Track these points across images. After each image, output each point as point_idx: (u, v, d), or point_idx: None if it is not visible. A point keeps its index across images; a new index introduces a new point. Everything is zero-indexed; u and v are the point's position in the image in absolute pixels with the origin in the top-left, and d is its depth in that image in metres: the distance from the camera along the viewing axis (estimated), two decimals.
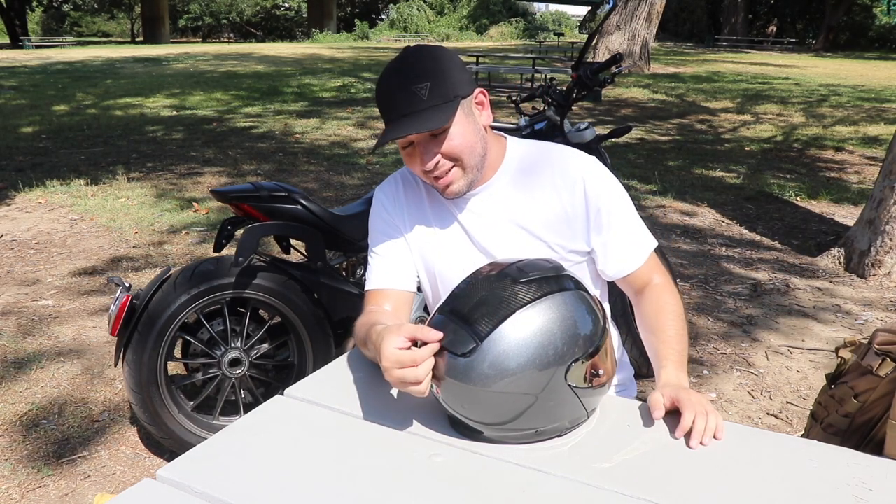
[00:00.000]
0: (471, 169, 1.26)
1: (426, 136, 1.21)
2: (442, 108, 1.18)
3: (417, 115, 1.18)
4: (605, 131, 2.72)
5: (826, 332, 3.21)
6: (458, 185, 1.26)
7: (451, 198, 1.29)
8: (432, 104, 1.18)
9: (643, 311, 1.30)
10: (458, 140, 1.22)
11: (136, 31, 46.35)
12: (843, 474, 0.96)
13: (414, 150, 1.24)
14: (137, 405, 2.12)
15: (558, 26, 46.54)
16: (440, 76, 1.19)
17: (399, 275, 1.36)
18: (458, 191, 1.26)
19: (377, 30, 39.59)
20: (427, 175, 1.25)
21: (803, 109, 10.59)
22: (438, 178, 1.25)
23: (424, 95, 1.17)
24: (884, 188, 3.88)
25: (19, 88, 11.82)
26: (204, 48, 24.65)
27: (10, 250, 4.18)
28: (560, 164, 1.31)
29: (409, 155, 1.26)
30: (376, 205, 1.40)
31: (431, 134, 1.21)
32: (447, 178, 1.24)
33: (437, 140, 1.21)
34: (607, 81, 2.69)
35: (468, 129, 1.23)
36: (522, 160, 1.33)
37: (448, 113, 1.19)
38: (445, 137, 1.21)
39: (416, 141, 1.23)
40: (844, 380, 1.41)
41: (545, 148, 1.36)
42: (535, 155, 1.34)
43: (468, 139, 1.23)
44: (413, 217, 1.37)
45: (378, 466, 0.99)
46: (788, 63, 21.92)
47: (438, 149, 1.22)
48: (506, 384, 0.97)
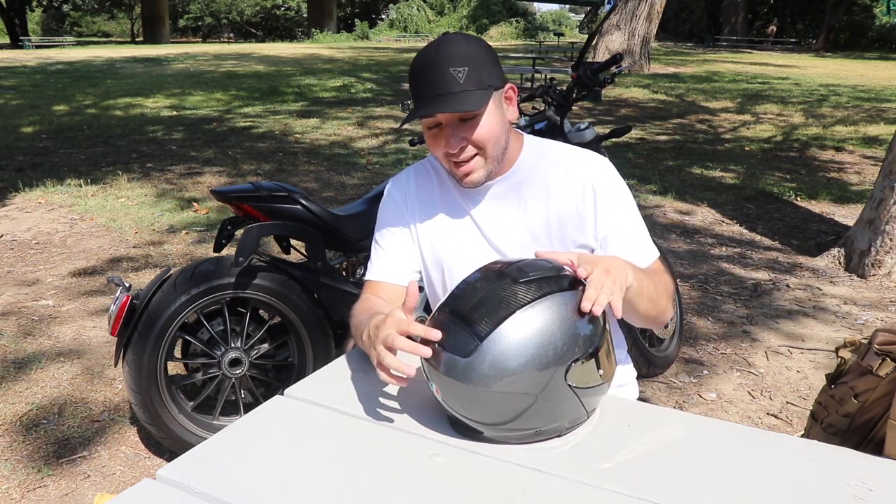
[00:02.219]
0: (492, 160, 1.27)
1: (456, 120, 1.22)
2: (476, 94, 1.20)
3: (452, 96, 1.19)
4: (605, 131, 2.72)
5: (826, 332, 3.21)
6: (478, 174, 1.26)
7: (468, 186, 1.29)
8: (467, 88, 1.19)
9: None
10: (486, 129, 1.23)
11: (136, 31, 46.35)
12: (843, 474, 0.96)
13: (440, 133, 1.24)
14: (137, 405, 2.12)
15: (558, 26, 46.53)
16: (477, 63, 1.20)
17: (399, 270, 1.37)
18: (477, 180, 1.27)
19: (377, 30, 39.59)
20: (449, 159, 1.26)
21: (803, 109, 10.59)
22: (459, 165, 1.25)
23: (461, 79, 1.18)
24: (884, 188, 3.88)
25: (19, 88, 11.82)
26: (204, 48, 24.65)
27: (10, 250, 4.18)
28: (573, 164, 1.32)
29: (433, 137, 1.26)
30: (387, 197, 1.42)
31: (461, 118, 1.22)
32: (469, 165, 1.25)
33: (465, 125, 1.22)
34: (607, 81, 2.69)
35: (496, 120, 1.25)
36: (538, 158, 1.35)
37: (482, 99, 1.21)
38: (475, 124, 1.22)
39: (444, 123, 1.23)
40: (844, 380, 1.41)
41: (560, 147, 1.37)
42: (550, 153, 1.36)
43: (495, 129, 1.25)
44: (424, 210, 1.38)
45: (378, 466, 0.99)
46: (788, 63, 21.92)
47: (466, 134, 1.23)
48: (506, 384, 0.97)
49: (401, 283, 1.37)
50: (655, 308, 1.22)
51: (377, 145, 7.43)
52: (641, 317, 1.23)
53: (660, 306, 1.23)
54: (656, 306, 1.22)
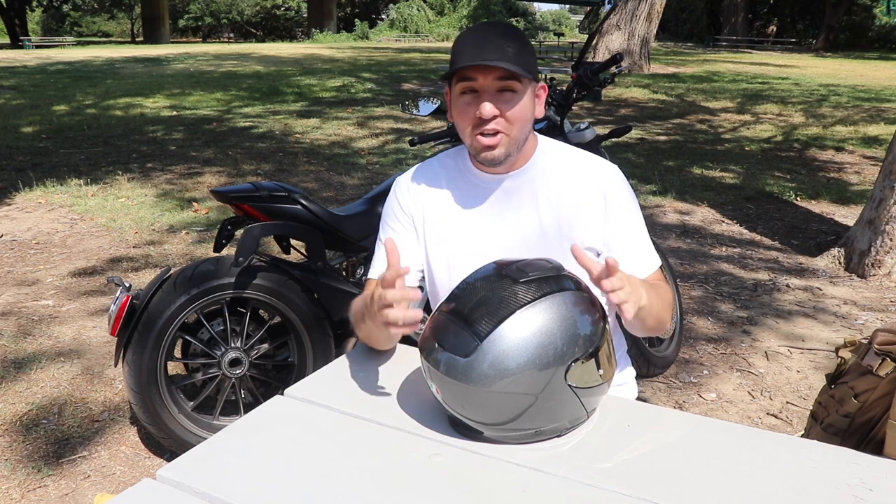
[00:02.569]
0: (515, 143, 1.28)
1: (495, 89, 1.23)
2: (523, 70, 1.22)
3: (502, 62, 1.21)
4: (605, 131, 2.72)
5: (826, 332, 3.21)
6: (499, 150, 1.27)
7: (487, 161, 1.28)
8: (516, 63, 1.21)
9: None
10: (520, 110, 1.25)
11: (136, 31, 46.38)
12: (843, 474, 0.96)
13: (473, 99, 1.24)
14: (137, 405, 2.12)
15: (558, 26, 46.51)
16: (525, 47, 1.25)
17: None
18: (497, 156, 1.27)
19: (377, 30, 39.60)
20: (475, 130, 1.26)
21: (803, 109, 10.59)
22: (485, 136, 1.25)
23: (511, 54, 1.21)
24: (884, 188, 3.88)
25: (19, 88, 11.82)
26: (204, 48, 24.65)
27: (10, 250, 4.18)
28: (586, 169, 1.35)
29: (465, 104, 1.26)
30: (392, 195, 1.43)
31: (500, 89, 1.23)
32: (494, 138, 1.25)
33: (503, 99, 1.24)
34: (607, 81, 2.69)
35: (528, 107, 1.27)
36: (551, 158, 1.36)
37: (527, 77, 1.23)
38: (512, 101, 1.24)
39: (484, 89, 1.23)
40: (844, 380, 1.41)
41: (573, 151, 1.39)
42: (563, 156, 1.37)
43: (526, 114, 1.27)
44: (431, 208, 1.38)
45: (378, 466, 0.99)
46: (788, 63, 21.93)
47: (502, 107, 1.24)
48: (506, 384, 0.97)
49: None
50: (658, 322, 1.26)
51: (377, 145, 7.43)
52: (645, 330, 1.29)
53: (662, 320, 1.27)
54: (659, 321, 1.26)
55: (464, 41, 1.26)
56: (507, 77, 1.22)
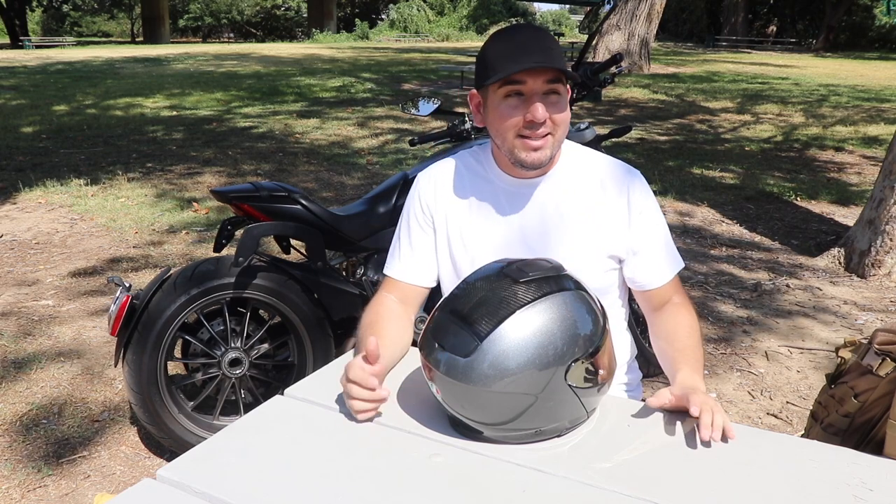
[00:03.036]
0: (557, 145, 1.28)
1: (543, 92, 1.22)
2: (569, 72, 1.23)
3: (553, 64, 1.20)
4: (605, 131, 2.72)
5: (826, 332, 3.21)
6: (544, 152, 1.26)
7: (532, 164, 1.27)
8: (562, 65, 1.22)
9: (660, 327, 1.34)
10: (565, 112, 1.25)
11: (136, 31, 46.36)
12: (843, 474, 0.96)
13: (520, 103, 1.23)
14: (137, 405, 2.12)
15: (558, 26, 46.53)
16: (560, 50, 1.25)
17: (419, 270, 1.39)
18: (543, 159, 1.26)
19: (377, 30, 39.58)
20: (521, 134, 1.24)
21: (803, 109, 10.59)
22: (531, 139, 1.24)
23: (555, 56, 1.22)
24: (884, 188, 3.88)
25: (19, 88, 11.82)
26: (204, 48, 24.65)
27: (10, 250, 4.18)
28: (611, 174, 1.35)
29: (511, 107, 1.24)
30: (414, 192, 1.41)
31: (547, 92, 1.22)
32: (541, 141, 1.24)
33: (550, 101, 1.23)
34: (607, 81, 2.69)
35: (568, 110, 1.27)
36: (578, 163, 1.36)
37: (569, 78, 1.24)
38: (558, 103, 1.24)
39: (530, 93, 1.22)
40: (844, 380, 1.41)
41: (597, 156, 1.39)
42: (587, 160, 1.37)
43: (568, 117, 1.27)
44: (455, 208, 1.37)
45: (378, 466, 0.99)
46: (788, 63, 21.92)
47: (550, 110, 1.23)
48: (506, 384, 0.97)
49: (419, 283, 1.39)
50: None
51: (377, 145, 7.43)
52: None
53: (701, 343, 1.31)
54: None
55: (503, 45, 1.23)
56: (555, 80, 1.22)
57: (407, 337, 1.33)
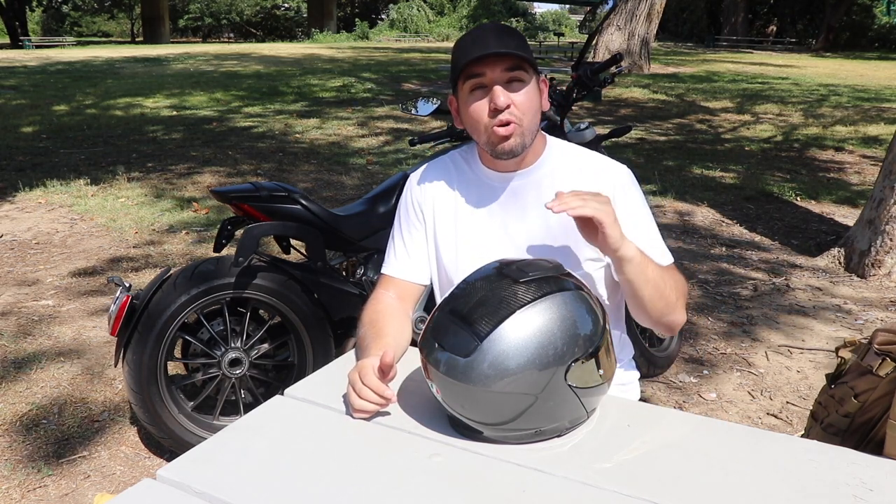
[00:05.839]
0: (527, 134, 1.29)
1: (504, 81, 1.25)
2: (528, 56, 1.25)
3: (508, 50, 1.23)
4: (605, 131, 2.72)
5: (826, 332, 3.21)
6: (515, 139, 1.27)
7: (504, 153, 1.29)
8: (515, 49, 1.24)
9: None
10: (529, 99, 1.27)
11: (136, 31, 46.38)
12: (843, 474, 0.96)
13: (484, 94, 1.26)
14: (137, 405, 2.12)
15: (558, 26, 46.54)
16: (524, 42, 1.28)
17: (415, 267, 1.42)
18: (514, 146, 1.28)
19: (377, 30, 39.59)
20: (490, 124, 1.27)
21: (803, 109, 10.59)
22: (501, 126, 1.26)
23: (513, 46, 1.24)
24: (884, 188, 3.88)
25: (19, 88, 11.82)
26: (204, 48, 24.64)
27: (10, 250, 4.18)
28: (594, 168, 1.35)
29: (476, 100, 1.27)
30: (406, 190, 1.46)
31: (509, 80, 1.25)
32: (509, 128, 1.26)
33: (512, 89, 1.25)
34: (607, 81, 2.69)
35: (536, 97, 1.29)
36: (561, 158, 1.37)
37: (532, 65, 1.26)
38: (521, 91, 1.25)
39: (492, 83, 1.24)
40: (844, 380, 1.41)
41: (582, 151, 1.40)
42: (572, 156, 1.38)
43: (535, 104, 1.29)
44: (441, 204, 1.40)
45: (378, 466, 0.99)
46: (788, 63, 21.92)
47: (513, 96, 1.25)
48: (506, 384, 0.97)
49: (415, 280, 1.42)
50: (662, 300, 1.23)
51: (377, 145, 7.43)
52: (647, 306, 1.23)
53: (668, 299, 1.24)
54: (663, 297, 1.23)
55: (463, 42, 1.28)
56: (514, 67, 1.24)
57: (407, 334, 1.35)
